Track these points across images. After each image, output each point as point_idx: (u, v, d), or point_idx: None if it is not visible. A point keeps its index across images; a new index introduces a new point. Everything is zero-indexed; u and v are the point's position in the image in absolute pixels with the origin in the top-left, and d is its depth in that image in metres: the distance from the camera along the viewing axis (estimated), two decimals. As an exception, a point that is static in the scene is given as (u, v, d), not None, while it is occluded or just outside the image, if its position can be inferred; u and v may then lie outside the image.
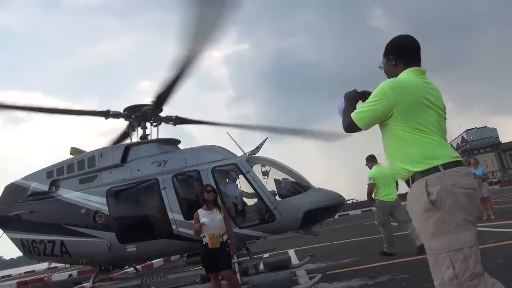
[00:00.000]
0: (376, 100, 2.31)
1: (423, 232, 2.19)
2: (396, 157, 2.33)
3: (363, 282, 5.63)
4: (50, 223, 6.99)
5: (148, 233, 6.69)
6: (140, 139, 7.68)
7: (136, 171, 6.99)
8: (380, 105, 2.29)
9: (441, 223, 2.09)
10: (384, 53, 2.55)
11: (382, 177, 7.92)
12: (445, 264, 2.07)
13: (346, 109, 2.51)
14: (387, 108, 2.28)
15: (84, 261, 7.04)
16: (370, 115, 2.35)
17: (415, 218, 2.24)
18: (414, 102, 2.26)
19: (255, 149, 7.08)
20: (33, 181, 7.33)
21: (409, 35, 2.52)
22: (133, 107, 7.54)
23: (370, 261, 7.28)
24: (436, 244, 2.11)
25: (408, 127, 2.25)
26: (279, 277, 6.18)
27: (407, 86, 2.31)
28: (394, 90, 2.28)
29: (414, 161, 2.23)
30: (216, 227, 5.09)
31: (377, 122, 2.39)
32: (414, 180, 2.23)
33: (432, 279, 2.26)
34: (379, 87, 2.35)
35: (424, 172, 2.18)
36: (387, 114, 2.30)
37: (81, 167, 7.19)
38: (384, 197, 7.85)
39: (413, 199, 2.24)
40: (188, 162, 6.93)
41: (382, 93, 2.30)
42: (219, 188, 6.36)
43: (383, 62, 2.55)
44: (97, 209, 6.78)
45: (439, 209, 2.10)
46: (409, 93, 2.27)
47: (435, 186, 2.12)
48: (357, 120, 2.37)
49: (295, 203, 6.47)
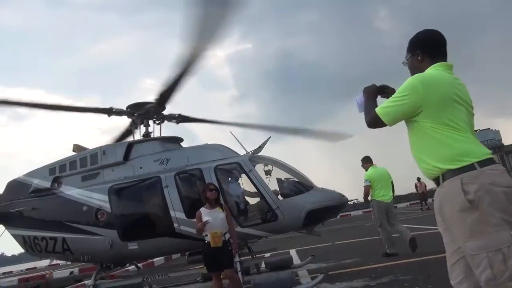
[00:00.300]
0: (404, 96, 2.23)
1: (458, 232, 2.11)
2: (426, 155, 2.25)
3: (365, 283, 5.60)
4: (52, 220, 6.99)
5: (150, 231, 6.68)
6: (143, 137, 7.67)
7: (138, 169, 6.97)
8: (408, 100, 2.22)
9: (479, 223, 2.02)
10: (408, 48, 2.47)
11: (379, 178, 8.00)
12: (483, 265, 2.01)
13: (367, 104, 2.44)
14: (416, 104, 2.20)
15: (85, 258, 7.03)
16: (396, 110, 2.27)
17: (449, 218, 2.16)
18: (445, 98, 2.19)
19: (257, 148, 7.06)
20: (35, 178, 7.34)
21: (435, 30, 2.44)
22: (136, 104, 7.53)
23: (372, 262, 7.24)
24: (473, 244, 2.04)
25: (439, 124, 2.18)
26: (280, 276, 6.16)
27: (437, 81, 2.23)
28: (424, 86, 2.20)
29: (447, 159, 2.15)
30: (219, 226, 5.08)
31: (404, 119, 2.30)
32: (445, 179, 2.16)
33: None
34: (408, 82, 2.26)
35: (458, 170, 2.11)
36: (415, 110, 2.22)
37: (84, 164, 7.18)
38: (381, 197, 7.90)
39: (446, 198, 2.16)
40: (190, 160, 6.91)
41: (411, 88, 2.22)
42: (222, 187, 6.33)
43: (407, 58, 2.48)
44: (99, 207, 6.77)
45: (477, 209, 2.03)
46: (440, 89, 2.20)
47: (472, 185, 2.05)
48: (382, 115, 2.29)
49: (297, 202, 6.44)
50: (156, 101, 7.20)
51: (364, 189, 8.01)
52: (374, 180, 7.99)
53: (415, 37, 2.45)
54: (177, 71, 6.22)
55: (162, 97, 6.99)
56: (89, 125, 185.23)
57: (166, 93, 6.83)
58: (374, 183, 7.95)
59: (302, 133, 9.52)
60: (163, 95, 6.93)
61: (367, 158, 8.43)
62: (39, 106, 7.67)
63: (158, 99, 7.11)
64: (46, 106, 7.67)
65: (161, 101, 7.16)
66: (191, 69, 6.22)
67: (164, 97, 6.99)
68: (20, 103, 7.37)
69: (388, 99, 2.41)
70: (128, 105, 7.59)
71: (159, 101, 7.17)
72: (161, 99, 7.07)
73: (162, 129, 7.90)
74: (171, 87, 6.63)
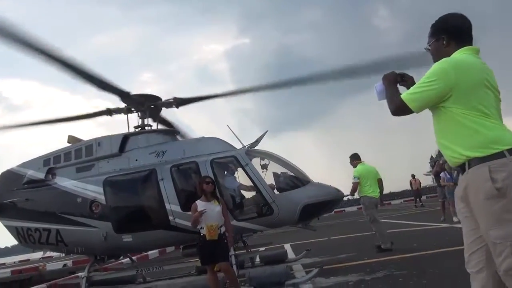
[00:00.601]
0: (434, 80, 2.14)
1: (482, 220, 2.08)
2: (453, 142, 2.19)
3: (360, 278, 5.61)
4: (45, 211, 6.93)
5: (145, 224, 6.64)
6: (139, 128, 7.61)
7: (134, 161, 6.92)
8: (438, 85, 2.13)
9: (505, 212, 2.00)
10: (432, 33, 2.40)
11: (368, 175, 8.09)
12: (505, 254, 1.99)
13: (389, 91, 2.36)
14: (445, 89, 2.12)
15: (79, 250, 7.00)
16: (425, 96, 2.17)
17: (474, 205, 2.12)
18: (476, 83, 2.12)
19: (254, 142, 7.02)
20: (29, 169, 7.27)
21: (460, 13, 2.37)
22: (132, 97, 7.45)
23: (367, 257, 7.26)
24: (497, 233, 2.01)
25: (469, 110, 2.11)
26: (275, 270, 6.16)
27: (468, 65, 2.16)
28: (455, 70, 2.12)
29: (476, 146, 2.10)
30: (214, 219, 5.06)
31: (432, 105, 2.21)
32: (471, 165, 2.12)
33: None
34: (437, 66, 2.18)
35: (486, 157, 2.06)
36: (444, 95, 2.14)
37: (79, 156, 7.12)
38: (371, 193, 8.00)
39: (472, 185, 2.12)
40: (186, 153, 6.87)
41: (442, 72, 2.14)
42: (218, 180, 6.30)
43: (431, 43, 2.41)
44: (94, 198, 6.73)
45: (504, 197, 2.00)
46: (471, 74, 2.13)
47: (500, 172, 2.01)
48: (410, 101, 2.20)
49: (293, 197, 6.43)
50: None
51: (352, 185, 8.07)
52: (364, 176, 8.07)
53: (440, 21, 2.38)
54: None
55: None
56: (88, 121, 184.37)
57: None
58: (363, 180, 8.04)
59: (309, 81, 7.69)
60: None
61: (356, 155, 8.51)
62: (43, 122, 7.85)
63: None
64: (51, 121, 7.85)
65: None
66: None
67: None
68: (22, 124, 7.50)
69: (406, 87, 2.35)
70: (123, 98, 7.50)
71: None
72: None
73: (159, 125, 7.88)
74: None
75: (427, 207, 21.02)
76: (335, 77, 7.09)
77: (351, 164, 8.42)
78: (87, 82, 6.67)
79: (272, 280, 5.84)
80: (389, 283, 5.05)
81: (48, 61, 6.00)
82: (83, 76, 6.47)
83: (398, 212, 21.52)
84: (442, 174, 12.30)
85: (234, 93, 7.98)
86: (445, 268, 5.37)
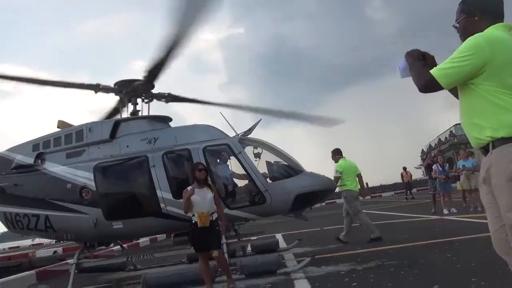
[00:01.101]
0: (467, 55, 2.06)
1: (504, 201, 2.03)
2: (480, 121, 2.12)
3: (352, 267, 5.61)
4: (34, 197, 6.81)
5: (136, 211, 6.56)
6: (131, 115, 7.48)
7: (125, 147, 6.82)
8: (472, 60, 2.05)
9: None
10: (462, 8, 2.32)
11: (349, 170, 8.30)
12: None
13: (416, 67, 2.28)
14: (479, 65, 2.05)
15: (68, 236, 6.89)
16: (457, 72, 2.08)
17: (496, 187, 2.08)
18: (510, 60, 2.04)
19: (247, 130, 6.95)
20: (18, 153, 7.12)
21: None
22: (124, 82, 7.31)
23: (359, 247, 7.29)
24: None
25: (500, 88, 2.04)
26: (267, 259, 6.14)
27: (502, 42, 2.08)
28: (490, 45, 2.05)
29: (503, 125, 2.03)
30: (206, 206, 4.99)
31: (463, 81, 2.12)
32: (495, 146, 2.06)
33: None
34: (471, 41, 2.10)
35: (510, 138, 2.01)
36: (478, 71, 2.06)
37: (69, 141, 6.99)
38: (353, 187, 8.20)
39: (495, 166, 2.07)
40: (179, 140, 6.78)
41: (476, 47, 2.06)
42: (210, 168, 6.23)
43: (460, 19, 2.33)
44: (84, 185, 6.62)
45: None
46: (505, 50, 2.05)
47: None
48: (440, 77, 2.10)
49: (286, 186, 6.40)
50: (145, 78, 7.01)
51: (334, 179, 8.15)
52: (345, 171, 8.23)
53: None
54: (165, 49, 6.05)
55: (150, 74, 6.80)
56: (77, 106, 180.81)
57: (155, 70, 6.64)
58: (345, 174, 8.20)
59: (296, 117, 9.39)
60: (152, 72, 6.73)
61: (338, 150, 8.68)
62: (25, 80, 7.49)
63: (146, 77, 6.91)
64: (32, 81, 7.48)
65: (150, 78, 6.97)
66: (179, 47, 6.06)
67: (153, 74, 6.80)
68: (4, 76, 7.14)
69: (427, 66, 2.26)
70: (115, 82, 7.38)
71: (147, 78, 6.97)
72: (150, 76, 6.88)
73: (151, 108, 7.74)
74: (159, 64, 6.45)
75: (417, 200, 21.21)
76: None
77: (333, 159, 8.61)
78: None
79: (263, 269, 5.82)
80: (380, 273, 5.05)
81: None
82: None
83: (389, 204, 21.68)
84: (434, 166, 12.38)
85: (227, 106, 8.06)
86: (436, 259, 5.39)
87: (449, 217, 10.59)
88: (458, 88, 2.21)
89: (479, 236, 6.86)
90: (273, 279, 5.54)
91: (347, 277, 5.04)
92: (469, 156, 12.40)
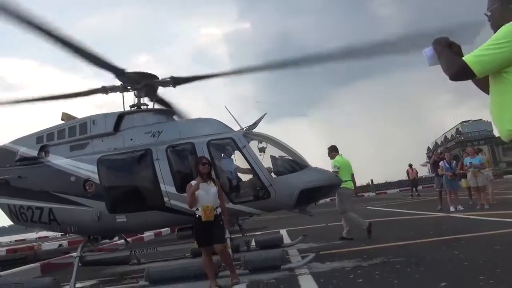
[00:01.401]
0: (504, 42, 1.96)
1: None
2: None
3: (357, 264, 5.53)
4: (38, 189, 6.79)
5: (139, 204, 6.52)
6: (135, 107, 7.43)
7: (129, 140, 6.77)
8: (509, 48, 1.95)
9: None
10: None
11: (345, 167, 8.27)
12: None
13: (446, 55, 2.18)
14: None
15: (72, 229, 6.88)
16: (492, 59, 1.99)
17: None
18: None
19: (252, 125, 6.87)
20: (22, 146, 7.10)
21: None
22: (127, 74, 7.25)
23: (364, 244, 7.20)
24: None
25: None
26: (271, 254, 6.07)
27: None
28: None
29: None
30: (210, 200, 4.94)
31: (497, 69, 2.03)
32: None
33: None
34: (507, 27, 2.00)
35: None
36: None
37: (73, 134, 6.95)
38: (348, 184, 8.12)
39: None
40: (183, 134, 6.73)
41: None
42: (214, 162, 6.16)
43: (493, 8, 2.21)
44: (87, 177, 6.59)
45: None
46: None
47: None
48: (474, 64, 2.01)
49: (291, 181, 6.32)
50: None
51: None
52: (342, 168, 8.16)
53: None
54: None
55: None
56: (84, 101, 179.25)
57: None
58: (341, 171, 8.11)
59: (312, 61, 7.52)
60: None
61: (334, 147, 8.64)
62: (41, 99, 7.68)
63: None
64: (49, 98, 7.65)
65: None
66: None
67: None
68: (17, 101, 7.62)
69: None
70: (119, 76, 7.30)
71: None
72: None
73: (156, 105, 7.70)
74: None
75: (423, 197, 21.04)
76: (335, 58, 6.90)
77: (329, 155, 8.56)
78: (83, 59, 6.49)
79: (267, 264, 5.76)
80: (386, 269, 4.97)
81: (45, 39, 5.83)
82: (80, 53, 6.28)
83: (394, 201, 21.54)
84: (441, 163, 12.22)
85: (232, 73, 7.81)
86: (442, 256, 5.29)
87: (456, 215, 10.46)
88: (490, 77, 2.11)
89: (486, 233, 6.78)
90: (277, 274, 5.48)
91: (352, 274, 4.96)
92: (477, 153, 12.23)
